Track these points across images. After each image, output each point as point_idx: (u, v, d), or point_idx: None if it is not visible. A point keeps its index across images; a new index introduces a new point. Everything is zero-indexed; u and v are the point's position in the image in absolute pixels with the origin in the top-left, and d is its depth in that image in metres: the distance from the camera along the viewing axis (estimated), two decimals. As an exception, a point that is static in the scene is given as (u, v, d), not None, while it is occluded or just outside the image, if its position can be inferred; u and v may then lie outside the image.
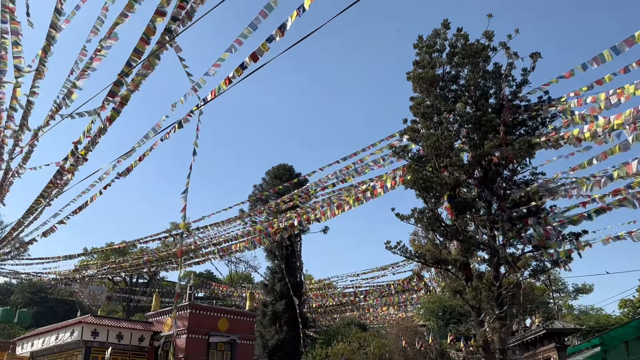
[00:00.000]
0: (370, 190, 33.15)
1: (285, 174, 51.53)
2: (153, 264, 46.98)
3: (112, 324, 31.69)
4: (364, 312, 56.30)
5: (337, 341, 40.74)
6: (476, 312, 23.47)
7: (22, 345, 34.24)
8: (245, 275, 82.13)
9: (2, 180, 22.32)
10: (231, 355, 32.49)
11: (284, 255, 50.03)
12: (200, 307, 33.33)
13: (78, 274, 53.94)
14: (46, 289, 66.71)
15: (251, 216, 44.60)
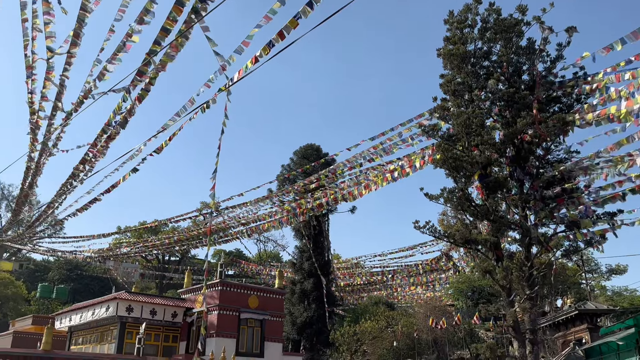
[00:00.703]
0: (398, 170, 32.90)
1: (312, 154, 51.60)
2: (184, 242, 47.89)
3: (146, 300, 32.51)
4: (392, 291, 56.42)
5: (365, 319, 41.01)
6: (506, 292, 23.24)
7: (60, 320, 35.49)
8: (273, 254, 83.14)
9: (37, 161, 22.90)
10: (261, 332, 33.03)
11: (311, 235, 50.40)
12: (230, 284, 33.87)
13: (112, 252, 55.45)
14: (82, 266, 68.85)
15: (279, 196, 44.95)
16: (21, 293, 61.86)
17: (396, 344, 37.70)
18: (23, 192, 28.14)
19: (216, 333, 30.62)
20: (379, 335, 38.52)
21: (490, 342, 27.83)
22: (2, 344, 38.59)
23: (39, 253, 65.69)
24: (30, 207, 42.35)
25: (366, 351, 40.39)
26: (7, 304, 59.62)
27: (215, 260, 66.99)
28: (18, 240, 57.08)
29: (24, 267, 79.52)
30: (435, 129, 24.76)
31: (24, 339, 39.60)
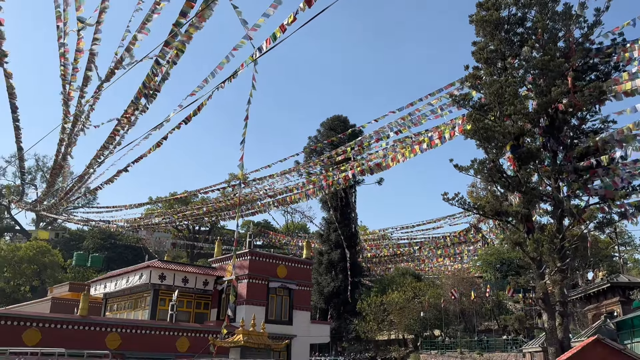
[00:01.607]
0: (427, 141, 32.46)
1: (340, 126, 51.39)
2: (213, 214, 48.63)
3: (178, 268, 33.34)
4: (419, 263, 56.53)
5: (392, 290, 41.28)
6: (537, 264, 22.98)
7: (95, 287, 36.72)
8: (301, 225, 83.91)
9: (69, 133, 23.34)
10: (289, 300, 33.63)
11: (338, 206, 50.65)
12: (259, 254, 34.43)
13: (144, 222, 56.77)
14: (115, 235, 70.77)
15: (306, 168, 45.06)
16: (58, 261, 64.09)
17: (423, 315, 37.92)
18: (57, 164, 28.79)
19: (246, 301, 31.31)
20: (405, 306, 38.75)
21: (518, 313, 27.75)
22: (41, 309, 40.23)
23: (74, 222, 67.78)
24: (64, 178, 43.44)
25: (393, 321, 40.76)
26: (45, 271, 61.94)
27: (244, 230, 68.04)
28: (53, 210, 58.90)
29: (60, 236, 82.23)
30: (466, 98, 24.20)
31: (61, 305, 41.16)
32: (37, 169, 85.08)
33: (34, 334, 22.49)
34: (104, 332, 24.57)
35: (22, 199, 71.33)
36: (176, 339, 26.48)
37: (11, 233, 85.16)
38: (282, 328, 31.88)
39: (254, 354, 24.13)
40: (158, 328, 26.44)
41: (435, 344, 35.58)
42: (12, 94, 16.72)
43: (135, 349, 24.23)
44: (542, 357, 26.06)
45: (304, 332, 33.42)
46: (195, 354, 23.98)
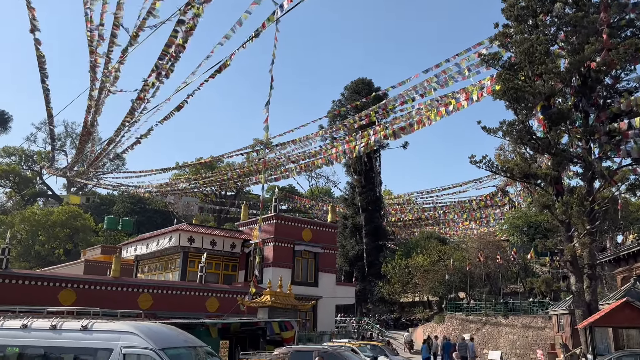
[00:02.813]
0: (453, 104, 31.82)
1: (364, 89, 50.69)
2: (237, 180, 49.06)
3: (206, 231, 34.05)
4: (444, 226, 56.42)
5: (417, 253, 41.40)
6: (565, 227, 22.67)
7: (127, 250, 37.84)
8: (325, 190, 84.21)
9: (97, 99, 23.60)
10: (315, 263, 34.16)
11: (363, 171, 50.53)
12: (285, 217, 34.85)
13: (171, 187, 57.72)
14: (145, 199, 72.22)
15: (330, 132, 44.81)
16: (89, 225, 65.98)
17: (448, 277, 38.06)
18: (85, 129, 29.27)
19: (272, 263, 31.93)
20: (430, 269, 38.90)
21: (545, 276, 27.58)
22: (75, 271, 41.71)
23: (103, 187, 69.30)
24: (93, 143, 44.24)
25: (417, 283, 41.04)
26: (77, 235, 63.91)
27: (269, 195, 68.64)
28: (83, 176, 60.26)
29: (91, 201, 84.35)
30: (495, 57, 23.49)
31: (94, 267, 42.61)
32: (66, 135, 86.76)
33: (69, 294, 23.41)
34: (136, 292, 25.40)
35: (52, 164, 73.06)
36: (206, 299, 27.25)
37: (44, 198, 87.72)
38: (308, 290, 32.49)
39: (281, 313, 24.74)
40: (188, 289, 27.21)
41: (459, 306, 35.79)
42: (42, 62, 16.93)
43: (166, 309, 25.03)
44: (568, 319, 25.98)
45: (329, 294, 34.02)
46: (225, 314, 24.65)
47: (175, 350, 10.04)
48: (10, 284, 22.34)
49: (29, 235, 62.17)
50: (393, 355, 23.30)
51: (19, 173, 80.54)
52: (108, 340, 10.19)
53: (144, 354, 9.85)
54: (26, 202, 79.56)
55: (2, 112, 74.73)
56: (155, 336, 10.11)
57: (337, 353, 16.71)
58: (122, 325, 10.52)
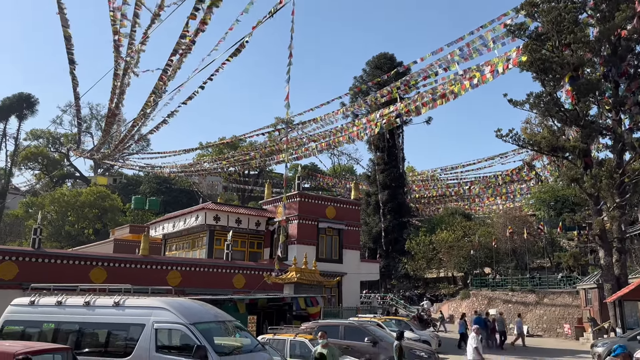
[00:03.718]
0: (478, 77, 31.20)
1: (386, 64, 50.00)
2: (259, 160, 49.26)
3: (231, 210, 34.44)
4: (469, 202, 55.88)
5: (441, 229, 41.23)
6: (594, 200, 22.29)
7: (154, 229, 38.53)
8: (347, 168, 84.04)
9: (121, 80, 23.80)
10: (339, 240, 34.29)
11: (385, 147, 50.20)
12: (308, 195, 34.96)
13: (195, 167, 58.36)
14: (170, 179, 73.25)
15: (352, 109, 44.48)
16: (117, 205, 67.32)
17: (473, 253, 37.88)
18: (111, 111, 29.65)
19: (297, 241, 32.15)
20: (455, 245, 38.76)
21: (573, 250, 27.24)
22: (104, 250, 42.70)
23: (129, 168, 70.51)
24: (119, 125, 44.87)
25: (442, 259, 40.98)
26: (106, 215, 65.32)
27: (292, 173, 68.86)
28: (110, 157, 61.29)
29: (118, 182, 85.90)
30: (522, 28, 22.90)
31: (123, 246, 43.49)
32: (91, 117, 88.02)
33: (100, 272, 24.02)
34: (165, 270, 25.93)
35: (79, 147, 74.38)
36: (232, 276, 27.68)
37: (72, 179, 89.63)
38: (332, 266, 32.70)
39: (307, 289, 25.01)
40: (215, 266, 27.65)
41: (485, 282, 35.67)
42: (69, 44, 17.12)
43: (195, 286, 25.52)
44: (596, 293, 25.71)
45: (353, 270, 34.21)
46: (251, 290, 25.04)
47: (205, 324, 10.27)
48: (43, 262, 23.01)
49: (59, 215, 63.76)
50: (420, 330, 23.42)
51: (47, 155, 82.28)
52: (140, 315, 10.46)
53: (176, 328, 10.10)
54: (55, 184, 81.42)
55: (29, 95, 76.09)
56: (186, 311, 10.35)
57: (363, 327, 16.87)
58: (154, 301, 10.78)
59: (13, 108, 73.82)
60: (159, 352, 9.92)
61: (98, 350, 10.76)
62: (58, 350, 9.32)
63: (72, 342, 10.91)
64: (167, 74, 19.80)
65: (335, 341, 15.35)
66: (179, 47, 18.00)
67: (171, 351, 10.06)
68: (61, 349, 9.49)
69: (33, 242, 23.61)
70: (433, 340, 22.29)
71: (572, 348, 24.65)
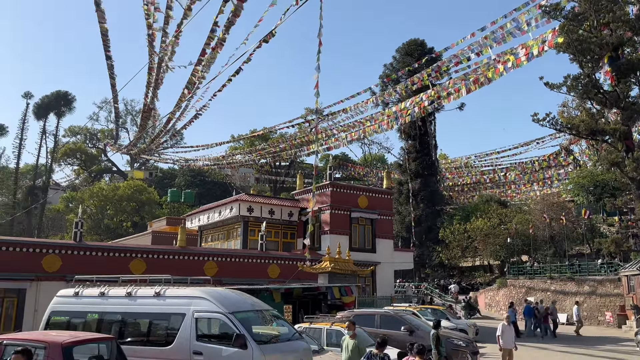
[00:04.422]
0: (512, 60, 30.45)
1: (417, 50, 49.28)
2: (290, 152, 49.41)
3: (264, 201, 34.79)
4: (505, 189, 54.82)
5: (476, 217, 40.58)
6: (636, 184, 21.56)
7: (190, 220, 39.25)
8: (378, 157, 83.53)
9: (156, 74, 24.16)
10: (372, 229, 34.23)
11: (417, 135, 49.62)
12: (340, 185, 34.97)
13: (227, 159, 59.03)
14: (203, 172, 74.40)
15: (382, 98, 44.03)
16: (154, 198, 68.85)
17: (510, 241, 37.19)
18: (146, 106, 30.20)
19: (330, 230, 32.26)
20: (491, 232, 38.12)
21: (614, 236, 26.44)
22: (143, 242, 43.77)
23: (164, 162, 71.84)
24: (154, 120, 45.68)
25: (477, 247, 40.40)
26: (143, 208, 66.87)
27: (323, 164, 68.90)
28: (146, 152, 62.56)
29: (153, 175, 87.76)
30: (557, 8, 22.21)
31: (161, 238, 44.50)
32: (126, 112, 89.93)
33: (139, 263, 24.65)
34: (201, 260, 26.43)
35: (117, 142, 76.13)
36: (267, 266, 28.00)
37: (109, 174, 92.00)
38: (365, 256, 32.69)
39: (341, 279, 25.05)
40: (250, 256, 28.03)
41: (522, 270, 35.01)
42: (106, 38, 17.50)
43: (231, 276, 25.92)
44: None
45: (387, 259, 34.13)
46: (286, 280, 25.27)
47: (244, 313, 10.41)
48: (85, 255, 23.75)
49: (98, 209, 65.59)
50: (455, 319, 23.22)
51: (85, 151, 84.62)
52: (180, 305, 10.68)
53: (215, 317, 10.28)
54: (93, 179, 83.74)
55: (66, 93, 78.14)
56: (224, 301, 10.51)
57: (399, 316, 16.82)
58: (193, 290, 10.99)
59: (51, 106, 75.99)
60: (200, 341, 10.12)
61: (140, 339, 11.03)
62: (103, 340, 9.59)
63: (115, 331, 11.23)
64: (200, 68, 20.03)
65: (371, 330, 15.36)
66: (210, 40, 18.16)
67: (211, 340, 10.25)
68: (105, 338, 9.77)
69: (75, 236, 24.39)
70: (470, 328, 22.09)
71: (615, 336, 24.06)
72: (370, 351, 9.73)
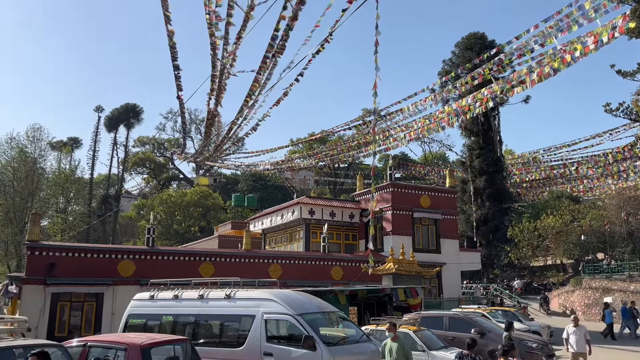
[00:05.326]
0: (580, 49, 29.04)
1: (477, 44, 47.95)
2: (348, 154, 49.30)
3: (325, 203, 34.96)
4: (577, 184, 52.17)
5: (547, 215, 38.91)
6: None
7: (254, 224, 40.08)
8: (439, 155, 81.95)
9: (219, 82, 24.76)
10: (436, 229, 33.59)
11: (480, 131, 48.22)
12: (401, 185, 34.58)
13: (287, 163, 59.79)
14: (265, 176, 75.91)
15: (441, 96, 43.04)
16: (218, 203, 70.99)
17: (584, 238, 35.40)
18: (210, 114, 31.07)
19: (392, 231, 31.94)
20: (563, 230, 36.45)
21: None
22: (210, 245, 45.10)
23: (227, 168, 73.78)
24: (219, 127, 47.02)
25: (549, 246, 38.73)
26: (209, 213, 69.05)
27: (382, 164, 68.39)
28: (210, 159, 64.46)
29: (217, 181, 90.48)
30: (629, -9, 20.96)
31: (226, 241, 45.66)
32: (190, 121, 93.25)
33: (208, 267, 25.42)
34: (266, 263, 26.91)
35: (183, 151, 79.06)
36: (330, 268, 28.10)
37: (177, 181, 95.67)
38: (430, 256, 32.13)
39: (406, 280, 24.76)
40: (313, 258, 28.24)
41: (599, 268, 33.21)
42: (174, 52, 18.21)
43: (295, 278, 26.21)
44: None
45: (453, 260, 33.37)
46: (350, 281, 25.25)
47: (311, 315, 10.51)
48: (157, 259, 24.75)
49: (167, 215, 68.31)
50: (528, 321, 22.36)
51: (153, 160, 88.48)
52: (250, 307, 10.92)
53: (284, 319, 10.43)
54: (162, 186, 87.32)
55: (134, 105, 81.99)
56: (292, 302, 10.65)
57: (469, 318, 16.41)
58: (262, 293, 11.21)
59: (121, 118, 79.98)
60: (269, 342, 10.31)
61: (212, 340, 11.38)
62: (178, 342, 9.96)
63: (189, 333, 11.63)
64: (261, 75, 20.40)
65: (439, 332, 15.08)
66: (271, 48, 18.44)
67: (280, 341, 10.41)
68: (181, 340, 10.14)
69: (147, 241, 25.51)
70: (544, 330, 21.20)
71: None
72: (462, 352, 9.58)
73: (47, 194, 55.70)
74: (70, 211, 61.19)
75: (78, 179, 64.68)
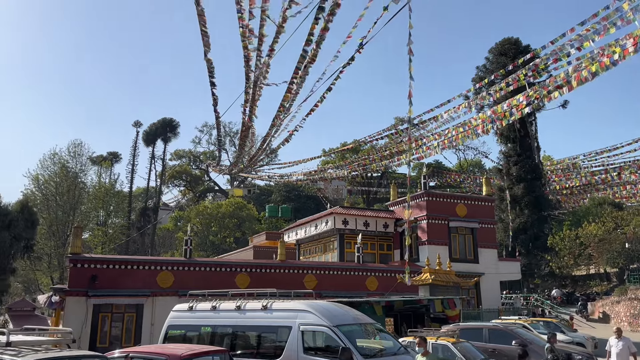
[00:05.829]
0: (619, 52, 28.24)
1: (511, 49, 47.15)
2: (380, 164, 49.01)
3: (359, 213, 34.83)
4: (619, 190, 50.38)
5: (588, 222, 37.71)
6: None
7: (288, 235, 40.26)
8: (475, 162, 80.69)
9: (252, 94, 25.07)
10: (473, 239, 33.02)
11: (517, 138, 47.25)
12: (436, 194, 34.18)
13: (320, 173, 59.94)
14: (298, 187, 76.28)
15: (475, 103, 42.40)
16: (253, 214, 71.69)
17: (628, 246, 34.13)
18: (244, 125, 31.49)
19: (427, 241, 31.58)
20: (606, 238, 35.22)
21: None
22: (245, 256, 45.50)
23: (260, 179, 74.51)
24: (252, 139, 47.60)
25: (592, 254, 37.48)
26: (244, 224, 69.76)
27: (416, 173, 67.74)
28: (244, 170, 65.24)
29: (252, 192, 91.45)
30: (671, -9, 20.23)
31: (261, 252, 45.98)
32: (224, 134, 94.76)
33: (244, 278, 25.62)
34: (301, 274, 26.93)
35: (219, 163, 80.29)
36: (365, 279, 27.91)
37: (212, 193, 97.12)
38: (467, 266, 31.58)
39: (443, 291, 24.40)
40: (348, 269, 28.11)
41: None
42: (211, 68, 18.59)
43: (330, 289, 26.13)
44: None
45: (491, 270, 32.71)
46: (385, 292, 25.01)
47: (348, 326, 10.45)
48: (194, 270, 25.11)
49: (203, 227, 69.34)
50: (572, 332, 21.66)
51: (190, 173, 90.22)
52: (286, 318, 10.95)
53: (320, 330, 10.41)
54: (198, 198, 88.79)
55: (171, 120, 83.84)
56: (328, 314, 10.63)
57: (510, 330, 16.02)
58: (298, 304, 11.23)
59: (158, 132, 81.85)
60: (307, 354, 10.29)
61: (250, 351, 11.44)
62: (217, 353, 10.08)
63: (227, 344, 11.74)
64: (294, 86, 20.57)
65: (479, 344, 14.76)
66: (303, 59, 18.61)
67: (317, 353, 10.38)
68: (219, 351, 10.26)
69: (185, 252, 25.92)
70: (588, 342, 20.49)
71: None
72: None
73: (88, 208, 57.28)
74: (110, 224, 62.75)
75: (117, 192, 66.32)
